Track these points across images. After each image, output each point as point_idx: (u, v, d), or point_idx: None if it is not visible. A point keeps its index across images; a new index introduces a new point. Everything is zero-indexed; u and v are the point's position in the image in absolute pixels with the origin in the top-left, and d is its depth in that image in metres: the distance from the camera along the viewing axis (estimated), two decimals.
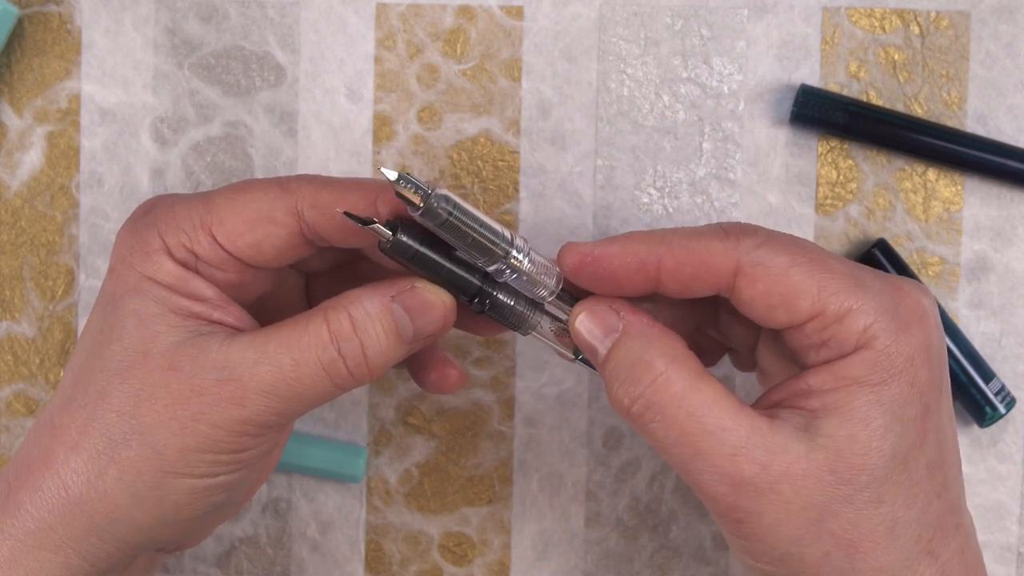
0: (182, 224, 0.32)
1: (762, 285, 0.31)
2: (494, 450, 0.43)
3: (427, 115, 0.42)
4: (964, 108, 0.42)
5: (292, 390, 0.31)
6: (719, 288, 0.31)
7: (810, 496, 0.29)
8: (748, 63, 0.42)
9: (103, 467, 0.31)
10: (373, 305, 0.32)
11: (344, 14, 0.42)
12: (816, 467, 0.29)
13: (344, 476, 0.42)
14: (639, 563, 0.43)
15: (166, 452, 0.31)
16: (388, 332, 0.32)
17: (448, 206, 0.30)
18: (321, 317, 0.31)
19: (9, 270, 0.43)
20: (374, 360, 0.32)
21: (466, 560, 0.43)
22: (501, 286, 0.33)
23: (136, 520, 0.32)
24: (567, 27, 0.42)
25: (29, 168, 0.43)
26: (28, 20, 0.43)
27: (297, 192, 0.32)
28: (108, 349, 0.32)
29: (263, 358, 0.31)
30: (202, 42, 0.42)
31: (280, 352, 0.31)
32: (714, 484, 0.30)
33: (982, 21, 0.42)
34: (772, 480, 0.29)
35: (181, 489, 0.31)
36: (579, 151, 0.42)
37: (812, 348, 0.31)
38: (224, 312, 0.32)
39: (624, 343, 0.32)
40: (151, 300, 0.32)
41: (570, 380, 0.43)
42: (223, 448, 0.31)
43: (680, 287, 0.32)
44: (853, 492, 0.29)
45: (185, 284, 0.32)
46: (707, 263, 0.31)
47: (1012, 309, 0.42)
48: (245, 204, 0.32)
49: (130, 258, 0.32)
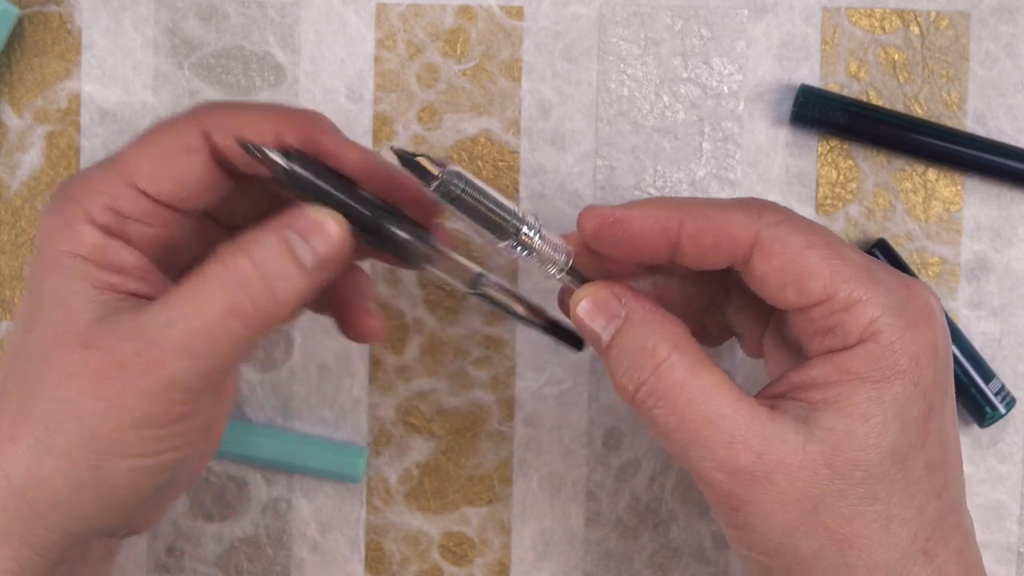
0: (100, 186, 0.31)
1: (778, 261, 0.31)
2: (494, 450, 0.43)
3: (427, 115, 0.42)
4: (964, 108, 0.42)
5: (207, 343, 0.30)
6: (735, 259, 0.31)
7: (805, 488, 0.29)
8: (748, 63, 0.42)
9: (41, 455, 0.30)
10: (267, 237, 0.31)
11: (344, 14, 0.42)
12: (812, 459, 0.29)
13: (344, 476, 0.42)
14: (639, 563, 0.43)
15: (100, 433, 0.30)
16: (286, 261, 0.31)
17: (460, 182, 0.30)
18: (219, 262, 0.31)
19: (9, 270, 0.43)
20: (280, 294, 0.31)
21: (466, 560, 0.43)
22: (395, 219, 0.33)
23: (78, 507, 0.31)
24: (567, 27, 0.42)
25: (29, 168, 0.43)
26: (28, 20, 0.43)
27: (205, 118, 0.32)
28: (32, 335, 0.31)
29: (172, 318, 0.30)
30: (202, 42, 0.42)
31: (186, 307, 0.30)
32: (711, 471, 0.30)
33: (982, 21, 0.42)
34: (768, 469, 0.29)
35: (120, 471, 0.31)
36: (579, 151, 0.42)
37: (817, 335, 0.31)
38: (144, 283, 0.32)
39: (627, 330, 0.31)
40: (71, 277, 0.31)
41: (570, 380, 0.43)
42: (155, 421, 0.30)
43: (697, 255, 0.31)
44: (848, 487, 0.29)
45: (106, 254, 0.31)
46: (727, 233, 0.31)
47: (1012, 309, 0.42)
48: (157, 143, 0.32)
49: (50, 237, 0.31)
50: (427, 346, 0.43)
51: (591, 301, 0.32)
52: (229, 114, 0.32)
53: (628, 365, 0.31)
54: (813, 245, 0.31)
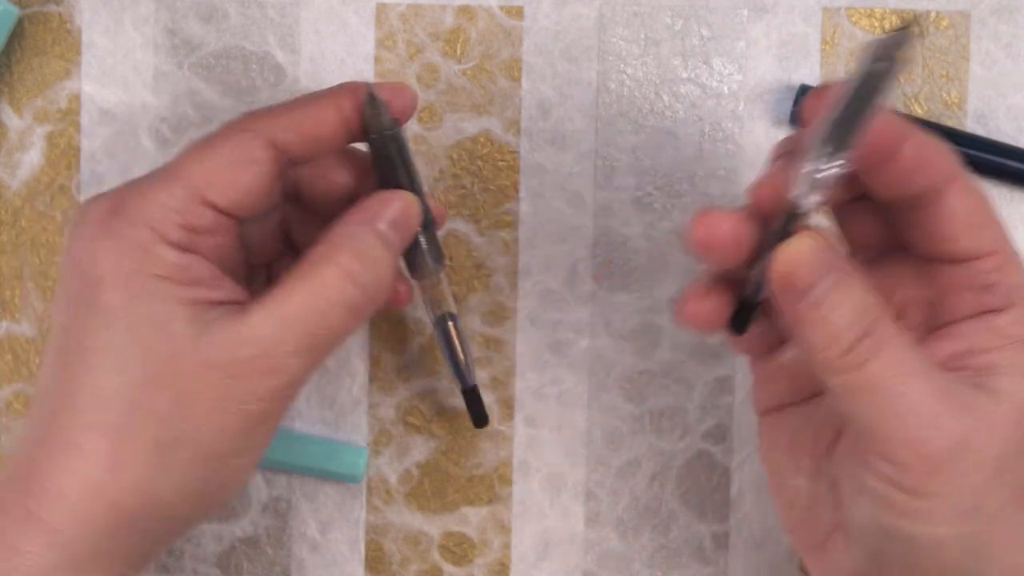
0: (169, 203, 0.31)
1: (972, 201, 0.31)
2: (494, 450, 0.43)
3: (427, 115, 0.42)
4: (964, 108, 0.42)
5: (323, 341, 0.32)
6: (932, 187, 0.31)
7: (998, 447, 0.29)
8: (748, 63, 0.42)
9: (155, 476, 0.31)
10: (362, 230, 0.33)
11: (344, 14, 0.42)
12: (1003, 419, 0.29)
13: (344, 476, 0.42)
14: (639, 563, 0.43)
15: (215, 444, 0.31)
16: (383, 250, 0.33)
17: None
18: (331, 263, 0.32)
19: (9, 270, 0.43)
20: (385, 281, 0.33)
21: (466, 560, 0.43)
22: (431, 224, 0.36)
23: (185, 518, 0.32)
24: (567, 27, 0.42)
25: (29, 168, 0.43)
26: (28, 20, 0.43)
27: (260, 126, 0.33)
28: (129, 363, 0.31)
29: (286, 319, 0.31)
30: (202, 42, 0.43)
31: (304, 310, 0.31)
32: (919, 428, 0.29)
33: (982, 21, 0.42)
34: (966, 429, 0.29)
35: (229, 472, 0.32)
36: (579, 151, 0.42)
37: (971, 291, 0.31)
38: (219, 290, 0.32)
39: (850, 283, 0.30)
40: (163, 300, 0.31)
41: (570, 380, 0.43)
42: (271, 419, 0.32)
43: (908, 172, 0.31)
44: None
45: (185, 271, 0.32)
46: (937, 160, 0.31)
47: None
48: (221, 154, 0.32)
49: (126, 263, 0.31)
50: (427, 346, 0.43)
51: (810, 252, 0.30)
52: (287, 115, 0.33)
53: (852, 318, 0.30)
54: (987, 199, 0.31)
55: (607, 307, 0.42)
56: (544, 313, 0.43)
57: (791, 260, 0.30)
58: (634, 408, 0.43)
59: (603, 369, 0.43)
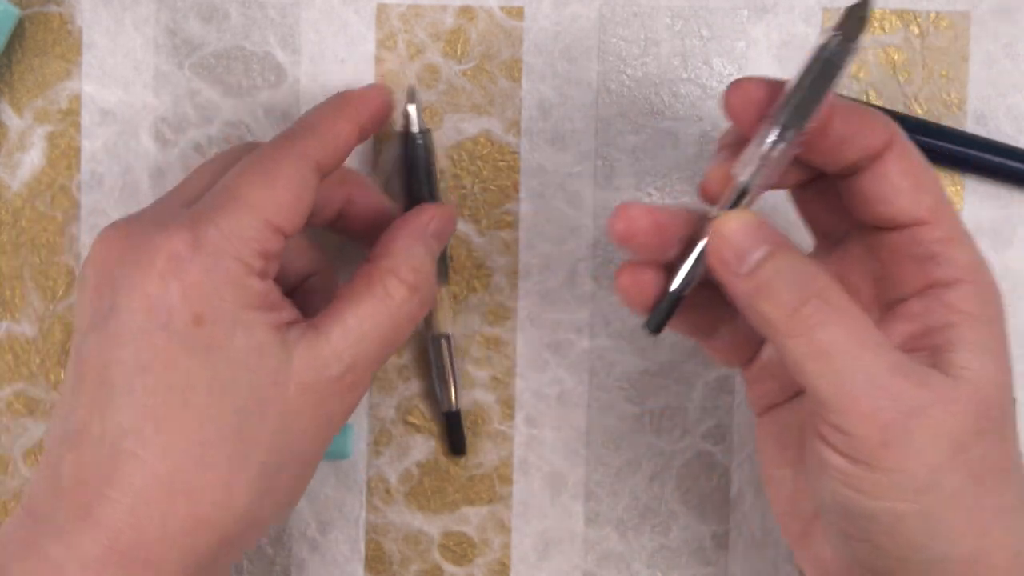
0: (246, 235, 0.32)
1: (907, 164, 0.31)
2: (494, 450, 0.43)
3: (427, 115, 0.42)
4: (964, 108, 0.42)
5: (393, 351, 0.35)
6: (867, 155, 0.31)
7: (955, 423, 0.29)
8: (748, 63, 0.42)
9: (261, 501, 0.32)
10: (413, 242, 0.36)
11: (344, 14, 0.42)
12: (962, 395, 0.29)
13: (333, 454, 0.42)
14: (639, 563, 0.43)
15: (312, 458, 0.34)
16: (432, 259, 0.36)
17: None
18: (396, 278, 0.34)
19: (9, 270, 0.43)
20: (434, 292, 0.36)
21: (466, 560, 0.43)
22: None
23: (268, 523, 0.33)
24: (567, 27, 0.42)
25: (29, 168, 0.43)
26: (28, 20, 0.43)
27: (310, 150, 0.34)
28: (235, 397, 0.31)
29: (367, 337, 0.33)
30: (203, 42, 0.43)
31: (380, 325, 0.34)
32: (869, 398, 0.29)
33: (982, 22, 0.42)
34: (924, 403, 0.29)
35: (309, 474, 0.34)
36: (579, 151, 0.42)
37: (915, 261, 0.31)
38: (287, 310, 0.33)
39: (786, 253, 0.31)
40: (260, 330, 0.32)
41: (570, 380, 0.43)
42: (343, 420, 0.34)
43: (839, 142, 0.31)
44: (986, 426, 0.29)
45: (267, 298, 0.32)
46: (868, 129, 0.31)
47: (1012, 309, 0.42)
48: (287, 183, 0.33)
49: (220, 300, 0.31)
50: (427, 347, 0.43)
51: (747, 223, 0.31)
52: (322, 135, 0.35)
53: (793, 281, 0.30)
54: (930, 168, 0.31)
55: (607, 307, 0.42)
56: (544, 313, 0.43)
57: (726, 230, 0.31)
58: (634, 408, 0.43)
59: (603, 369, 0.43)
